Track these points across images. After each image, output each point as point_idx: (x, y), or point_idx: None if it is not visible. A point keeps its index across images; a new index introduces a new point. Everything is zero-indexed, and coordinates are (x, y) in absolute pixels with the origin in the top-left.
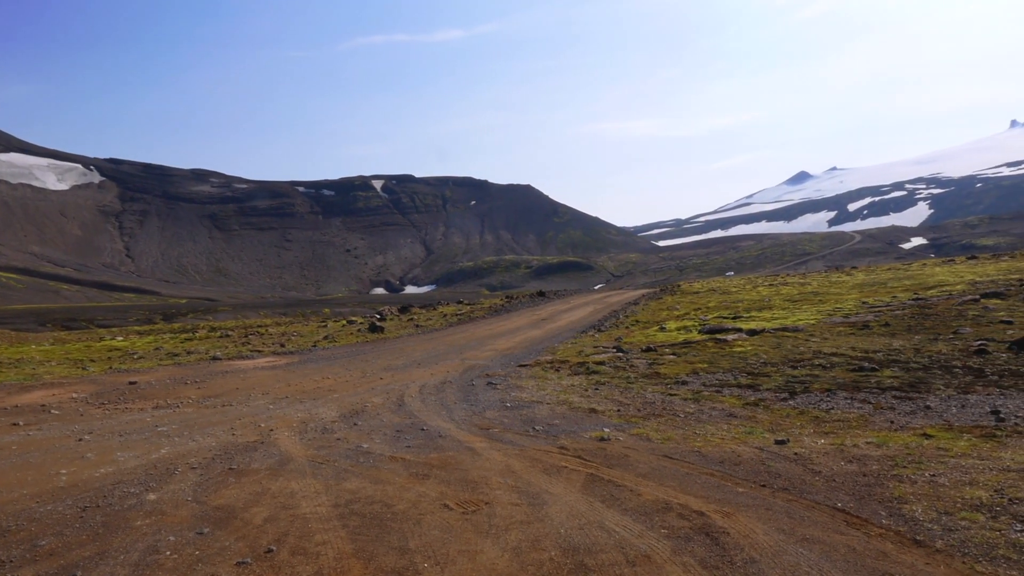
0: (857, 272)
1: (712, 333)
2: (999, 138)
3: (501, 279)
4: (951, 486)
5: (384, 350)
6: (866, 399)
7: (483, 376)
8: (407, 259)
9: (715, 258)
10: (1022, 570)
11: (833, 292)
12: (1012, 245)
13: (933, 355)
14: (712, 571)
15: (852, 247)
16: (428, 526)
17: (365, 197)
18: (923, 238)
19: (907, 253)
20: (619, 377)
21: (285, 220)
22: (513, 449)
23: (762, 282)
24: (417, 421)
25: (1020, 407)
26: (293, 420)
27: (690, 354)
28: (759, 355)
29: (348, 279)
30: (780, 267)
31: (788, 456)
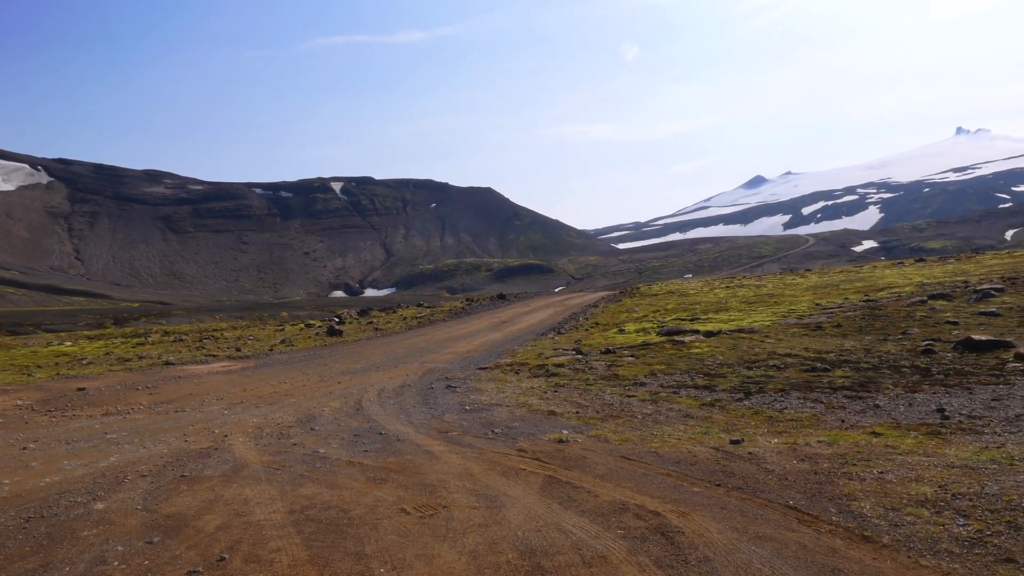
0: (811, 274)
1: (670, 335)
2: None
3: (462, 282)
4: (898, 483)
5: (342, 354)
6: (818, 399)
7: (442, 379)
8: (367, 262)
9: (674, 261)
10: (964, 563)
11: (788, 294)
12: (958, 248)
13: (883, 355)
14: (667, 570)
15: (806, 250)
16: (385, 531)
17: (324, 199)
18: (874, 241)
19: (859, 256)
20: (578, 379)
21: (242, 222)
22: (472, 452)
23: (719, 284)
24: (375, 425)
25: (964, 405)
26: (248, 425)
27: (648, 356)
28: (716, 356)
29: (306, 282)
30: (737, 269)
31: (742, 455)
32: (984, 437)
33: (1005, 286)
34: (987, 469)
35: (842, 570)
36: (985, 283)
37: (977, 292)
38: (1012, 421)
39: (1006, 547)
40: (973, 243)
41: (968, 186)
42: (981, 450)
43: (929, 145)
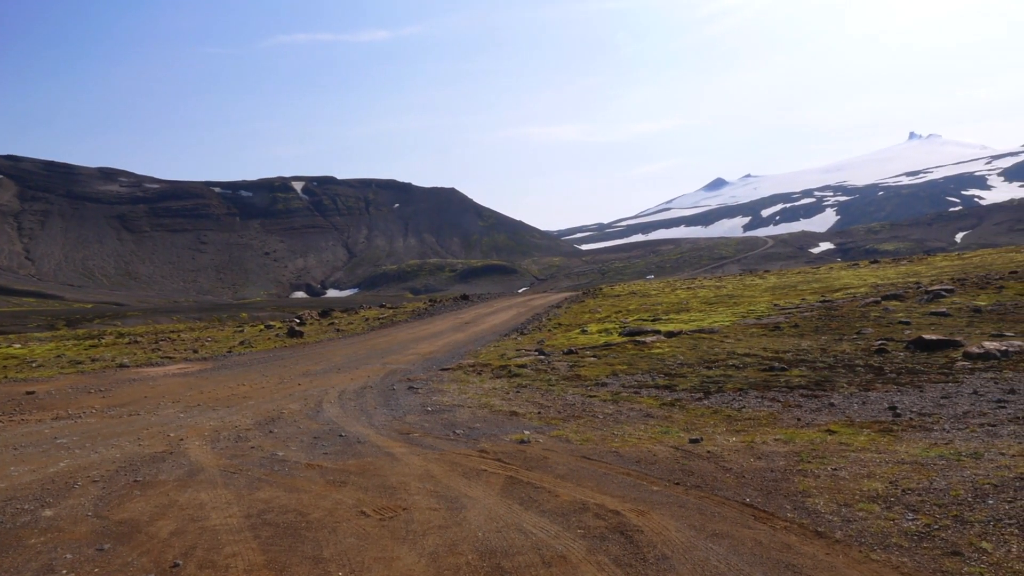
0: (769, 275)
1: (632, 335)
2: (899, 149)
3: (425, 282)
4: (851, 479)
5: (303, 355)
6: (776, 398)
7: (404, 380)
8: (329, 262)
9: (636, 262)
10: (912, 556)
11: (747, 295)
12: (910, 250)
13: (838, 355)
14: (626, 569)
15: (765, 251)
16: (344, 534)
17: (285, 199)
18: (831, 243)
19: (816, 257)
20: (540, 379)
21: (200, 222)
22: (433, 453)
23: (680, 285)
24: (335, 427)
25: (915, 403)
26: (205, 429)
27: (610, 356)
28: (676, 356)
29: (267, 283)
30: (698, 270)
31: (701, 454)
32: (933, 434)
33: (955, 287)
34: (936, 465)
35: (796, 565)
36: (936, 284)
37: (928, 293)
38: (960, 418)
39: (952, 540)
40: (925, 245)
41: (920, 190)
42: (930, 446)
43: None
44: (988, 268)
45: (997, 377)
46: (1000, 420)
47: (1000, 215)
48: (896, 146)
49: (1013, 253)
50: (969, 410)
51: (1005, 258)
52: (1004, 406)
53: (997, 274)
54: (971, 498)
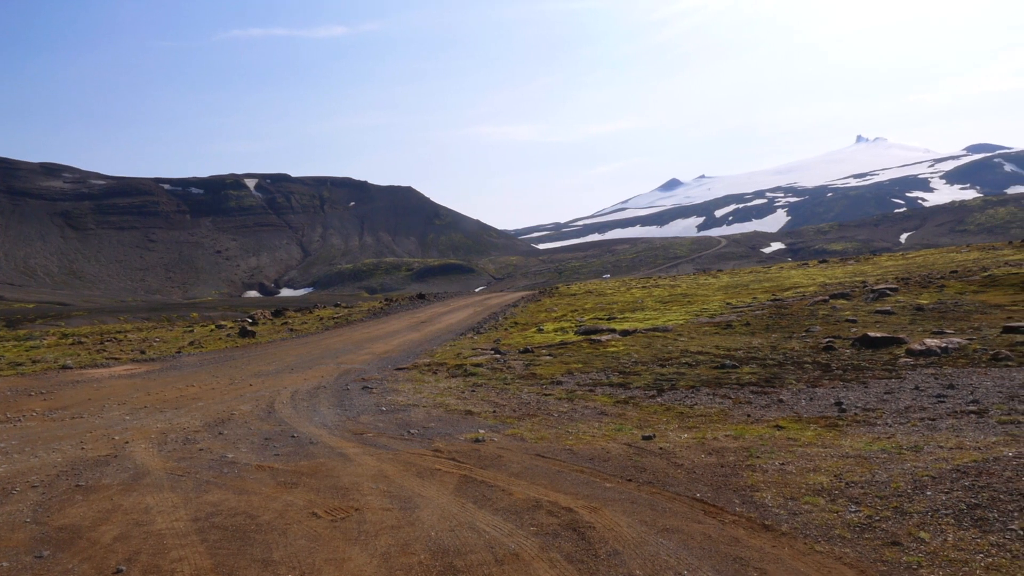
0: (722, 275)
1: (587, 334)
2: (847, 152)
3: (381, 281)
4: (797, 473)
5: (255, 355)
6: (727, 394)
7: (359, 380)
8: (283, 261)
9: (592, 261)
10: (854, 547)
11: (700, 294)
12: (857, 250)
13: (787, 352)
14: (577, 565)
15: (719, 251)
16: (295, 536)
17: (237, 196)
18: (782, 243)
19: (767, 257)
20: (496, 378)
21: (149, 219)
22: (387, 453)
23: (636, 284)
24: (288, 428)
25: (860, 398)
26: (152, 431)
27: (566, 355)
28: (631, 355)
29: (219, 282)
30: (653, 270)
31: (654, 451)
32: (877, 428)
33: (899, 286)
34: (878, 458)
35: (743, 558)
36: (881, 283)
37: (874, 292)
38: (902, 412)
39: (892, 531)
40: (871, 245)
41: (867, 191)
42: (873, 440)
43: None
44: (930, 268)
45: (937, 373)
46: (939, 414)
47: (942, 216)
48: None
49: (953, 253)
50: (911, 405)
51: (946, 258)
52: (943, 401)
53: (938, 273)
54: (911, 490)
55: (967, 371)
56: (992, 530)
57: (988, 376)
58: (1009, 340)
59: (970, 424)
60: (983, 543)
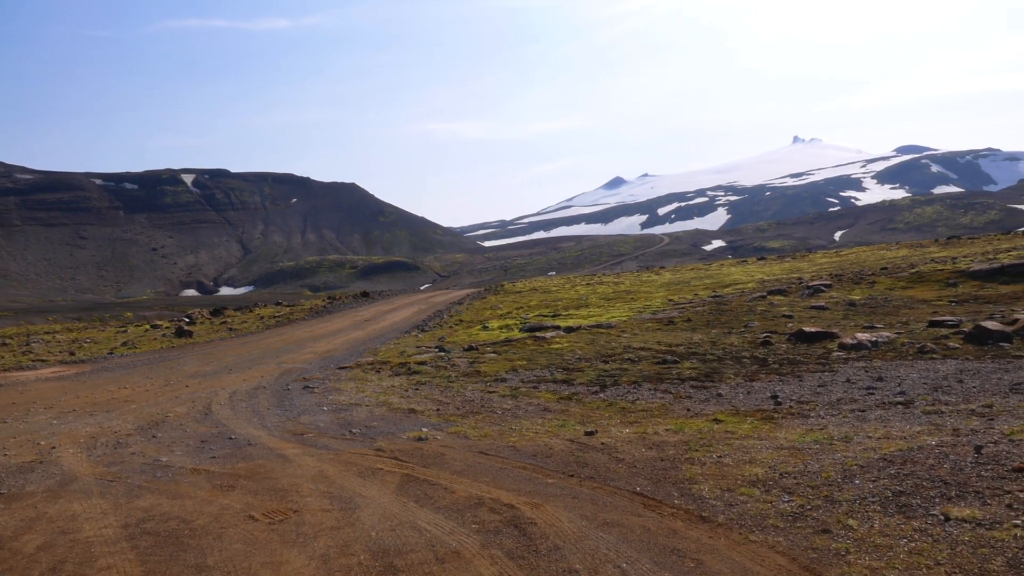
0: (665, 272)
1: (532, 331)
2: (784, 152)
3: (325, 280)
4: (734, 465)
5: (192, 355)
6: (668, 389)
7: (300, 380)
8: (222, 259)
9: (538, 258)
10: (787, 535)
11: (643, 291)
12: (794, 247)
13: (726, 347)
14: (518, 561)
15: (661, 248)
16: (230, 540)
17: (174, 192)
18: (722, 241)
19: (708, 254)
20: (440, 376)
21: (79, 215)
22: (328, 454)
23: (580, 281)
24: (225, 430)
25: (794, 391)
26: (80, 435)
27: (510, 352)
28: (575, 351)
29: (154, 280)
30: (598, 267)
31: (596, 446)
32: (810, 420)
33: (833, 282)
34: (811, 449)
35: (681, 550)
36: (816, 280)
37: (809, 288)
38: (834, 405)
39: (823, 519)
40: (807, 243)
41: (804, 191)
42: (807, 432)
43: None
44: (862, 265)
45: (867, 366)
46: (869, 406)
47: (873, 215)
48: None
49: (884, 251)
50: (842, 397)
51: (877, 255)
52: (872, 393)
53: (870, 270)
54: (840, 479)
55: (895, 364)
56: (915, 516)
57: (914, 368)
58: (934, 334)
59: (897, 415)
60: (907, 528)
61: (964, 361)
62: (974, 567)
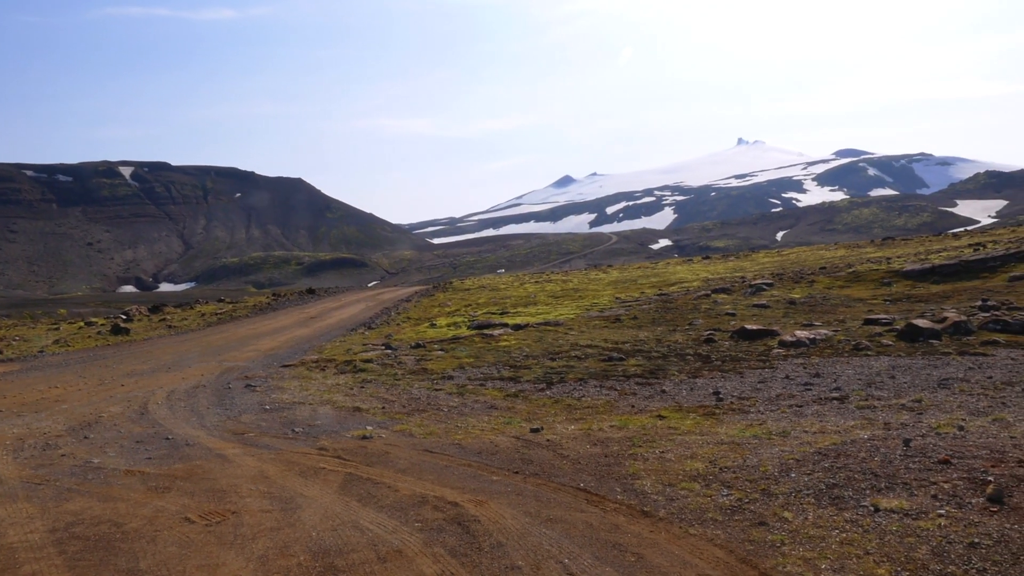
0: (612, 270)
1: (480, 329)
2: (728, 153)
3: (270, 276)
4: (676, 460)
5: (129, 354)
6: (613, 386)
7: (241, 378)
8: (162, 254)
9: (487, 256)
10: (725, 528)
11: (591, 288)
12: (738, 247)
13: (671, 344)
14: (461, 559)
15: (610, 247)
16: (164, 543)
17: (111, 185)
18: (669, 240)
19: (655, 253)
20: (386, 374)
21: (8, 208)
22: (269, 453)
23: (529, 279)
24: (162, 430)
25: (736, 388)
26: (7, 437)
27: (458, 349)
28: (522, 349)
29: (90, 276)
30: (546, 265)
31: (541, 443)
32: (750, 415)
33: (774, 281)
34: (750, 444)
35: (622, 544)
36: (758, 279)
37: (752, 287)
38: (773, 400)
39: (760, 512)
40: (751, 243)
41: (747, 191)
42: (746, 427)
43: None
44: (802, 264)
45: (806, 363)
46: (806, 401)
47: (814, 216)
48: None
49: (823, 251)
50: (781, 393)
51: (816, 255)
52: (810, 388)
53: (809, 270)
54: (777, 473)
55: (832, 360)
56: (847, 507)
57: (850, 365)
58: (869, 331)
59: (832, 410)
60: (839, 520)
61: (896, 358)
62: (900, 556)
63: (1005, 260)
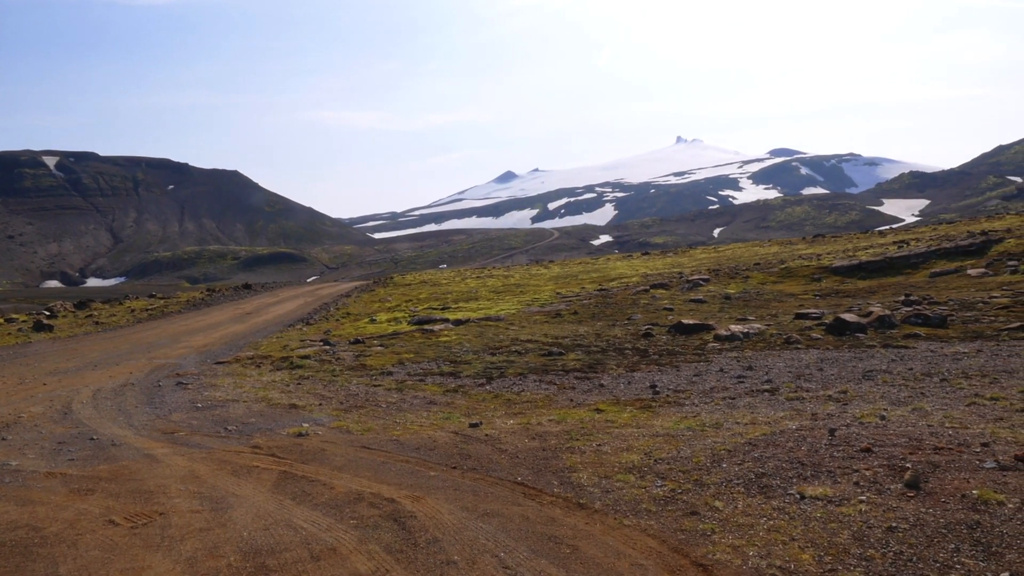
0: (554, 266)
1: (421, 324)
2: (668, 151)
3: (205, 271)
4: (612, 453)
5: (52, 351)
6: (553, 381)
7: (173, 376)
8: (89, 248)
9: (429, 251)
10: (658, 519)
11: (533, 284)
12: (677, 243)
13: (610, 339)
14: (396, 555)
15: (551, 243)
16: (87, 547)
17: (34, 175)
18: (609, 236)
19: (596, 249)
20: (324, 371)
21: None
22: (200, 452)
23: (471, 275)
24: (86, 430)
25: (672, 381)
26: None
27: (398, 345)
28: (463, 344)
29: (11, 271)
30: (488, 260)
31: (480, 438)
32: (685, 408)
33: (711, 277)
34: (684, 436)
35: (558, 536)
36: (696, 274)
37: (689, 282)
38: (707, 393)
39: (692, 502)
40: (689, 239)
41: (686, 189)
42: (681, 419)
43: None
44: (738, 260)
45: (739, 356)
46: (738, 393)
47: (749, 214)
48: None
49: (757, 248)
50: (715, 385)
51: (751, 252)
52: (743, 381)
53: (744, 266)
54: (709, 463)
55: (764, 354)
56: (775, 495)
57: (781, 358)
58: (799, 325)
59: (764, 401)
60: (767, 508)
61: (825, 351)
62: (824, 541)
63: (927, 257)
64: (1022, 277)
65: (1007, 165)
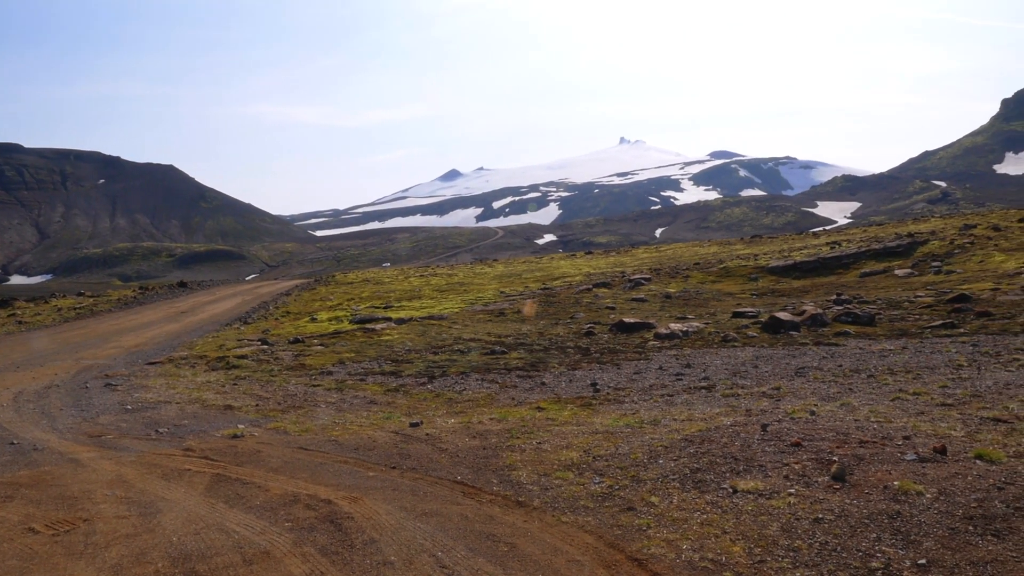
0: (498, 264)
1: (363, 323)
2: (612, 151)
3: (138, 268)
4: (552, 451)
5: None
6: (495, 379)
7: (101, 377)
8: (13, 244)
9: (372, 249)
10: (595, 515)
11: (476, 283)
12: (619, 243)
13: (553, 337)
14: (332, 557)
15: (496, 241)
16: (3, 556)
17: None
18: (554, 235)
19: (540, 248)
20: (262, 371)
21: None
22: (128, 456)
23: (414, 273)
24: (6, 434)
25: (613, 379)
26: None
27: (338, 344)
28: (405, 343)
29: None
30: (432, 259)
31: (420, 437)
32: (624, 405)
33: (652, 276)
34: (623, 433)
35: (496, 535)
36: (638, 274)
37: (631, 281)
38: (647, 390)
39: (629, 498)
40: (631, 239)
41: (629, 189)
42: (621, 417)
43: (599, 151)
44: (678, 260)
45: (678, 354)
46: (677, 390)
47: (689, 214)
48: (609, 149)
49: (697, 248)
50: (654, 383)
51: (691, 252)
52: (681, 378)
53: (685, 265)
54: (647, 460)
55: (702, 351)
56: (708, 490)
57: (718, 356)
58: (737, 324)
59: (700, 398)
60: (701, 502)
61: (760, 348)
62: (754, 533)
63: (857, 258)
64: (945, 277)
65: (932, 170)
